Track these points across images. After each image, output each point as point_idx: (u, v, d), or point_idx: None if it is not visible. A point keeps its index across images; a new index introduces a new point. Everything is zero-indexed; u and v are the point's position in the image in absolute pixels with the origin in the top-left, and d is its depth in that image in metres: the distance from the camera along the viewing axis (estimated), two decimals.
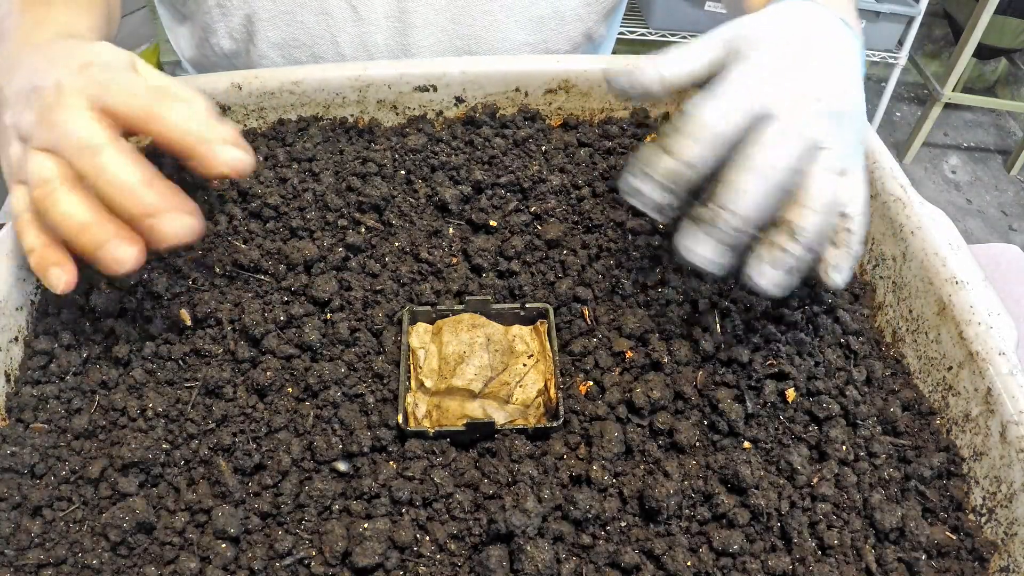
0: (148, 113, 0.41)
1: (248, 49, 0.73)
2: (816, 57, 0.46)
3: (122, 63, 0.45)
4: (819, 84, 0.44)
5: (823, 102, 0.44)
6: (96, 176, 0.40)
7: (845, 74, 0.47)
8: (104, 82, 0.42)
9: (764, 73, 0.44)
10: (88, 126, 0.41)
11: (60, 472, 0.42)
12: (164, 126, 0.41)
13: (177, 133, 0.41)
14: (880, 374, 0.49)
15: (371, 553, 0.39)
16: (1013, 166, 2.59)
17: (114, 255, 0.40)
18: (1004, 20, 2.31)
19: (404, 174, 0.59)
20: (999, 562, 0.41)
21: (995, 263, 0.76)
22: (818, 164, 0.43)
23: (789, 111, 0.43)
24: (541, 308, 0.51)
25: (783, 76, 0.44)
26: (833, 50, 0.47)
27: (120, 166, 0.40)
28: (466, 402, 0.46)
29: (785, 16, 0.48)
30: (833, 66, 0.46)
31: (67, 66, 0.44)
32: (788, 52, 0.45)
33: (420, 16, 0.69)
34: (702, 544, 0.41)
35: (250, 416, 0.45)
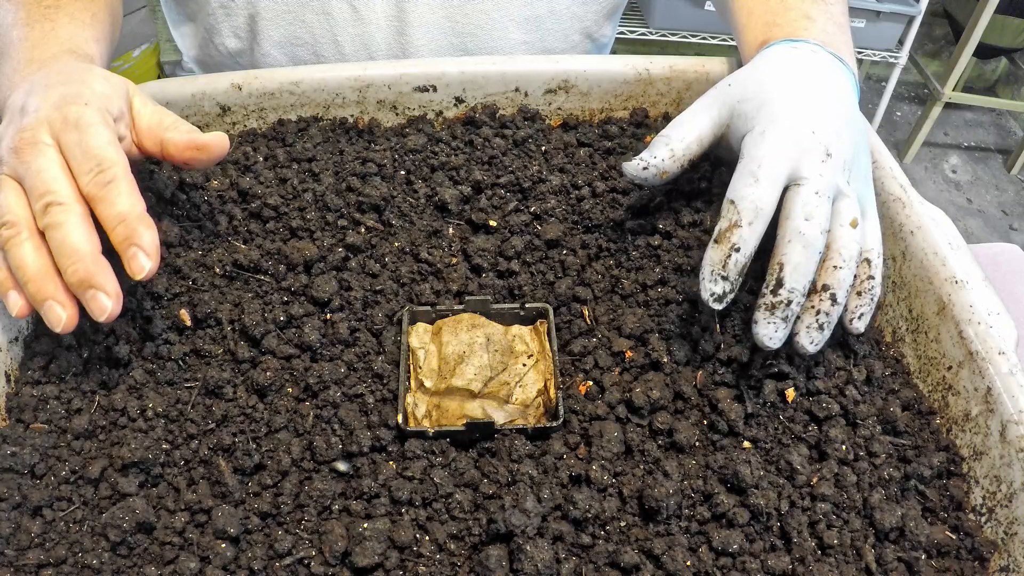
0: (91, 195, 0.42)
1: (252, 48, 0.73)
2: (821, 109, 0.48)
3: (103, 103, 0.45)
4: (830, 137, 0.47)
5: (837, 154, 0.46)
6: (49, 233, 0.42)
7: (848, 117, 0.49)
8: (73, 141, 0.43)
9: (783, 142, 0.46)
10: (55, 176, 0.42)
11: (60, 472, 0.42)
12: (102, 211, 0.42)
13: (109, 223, 0.42)
14: (880, 374, 0.49)
15: (371, 553, 0.39)
16: (1013, 166, 2.58)
17: (48, 315, 0.42)
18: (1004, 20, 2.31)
19: (404, 174, 0.59)
20: (999, 562, 0.41)
21: (995, 263, 0.76)
22: (841, 218, 0.45)
23: (814, 172, 0.45)
24: (541, 308, 0.51)
25: (799, 140, 0.46)
26: (834, 96, 0.49)
27: (70, 230, 0.41)
28: (466, 402, 0.46)
29: (782, 67, 0.50)
30: (838, 113, 0.48)
31: (52, 96, 0.45)
32: (795, 115, 0.47)
33: (417, 15, 0.70)
34: (702, 544, 0.41)
35: (250, 416, 0.45)
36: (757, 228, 0.44)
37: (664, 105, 0.67)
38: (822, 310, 0.44)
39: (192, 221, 0.54)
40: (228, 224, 0.54)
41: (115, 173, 0.42)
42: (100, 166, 0.42)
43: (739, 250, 0.44)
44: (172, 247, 0.52)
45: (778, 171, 0.45)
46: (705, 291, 0.45)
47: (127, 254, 0.42)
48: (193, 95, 0.61)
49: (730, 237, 0.44)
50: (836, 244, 0.45)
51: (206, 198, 0.55)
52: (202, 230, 0.53)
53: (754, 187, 0.45)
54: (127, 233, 0.42)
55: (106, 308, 0.41)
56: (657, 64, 0.65)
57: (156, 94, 0.60)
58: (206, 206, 0.55)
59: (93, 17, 0.57)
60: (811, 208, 0.44)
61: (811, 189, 0.45)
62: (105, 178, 0.42)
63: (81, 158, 0.43)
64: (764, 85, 0.49)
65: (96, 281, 0.41)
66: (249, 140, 0.62)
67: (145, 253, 0.42)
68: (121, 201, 0.42)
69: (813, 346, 0.44)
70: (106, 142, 0.43)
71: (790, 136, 0.46)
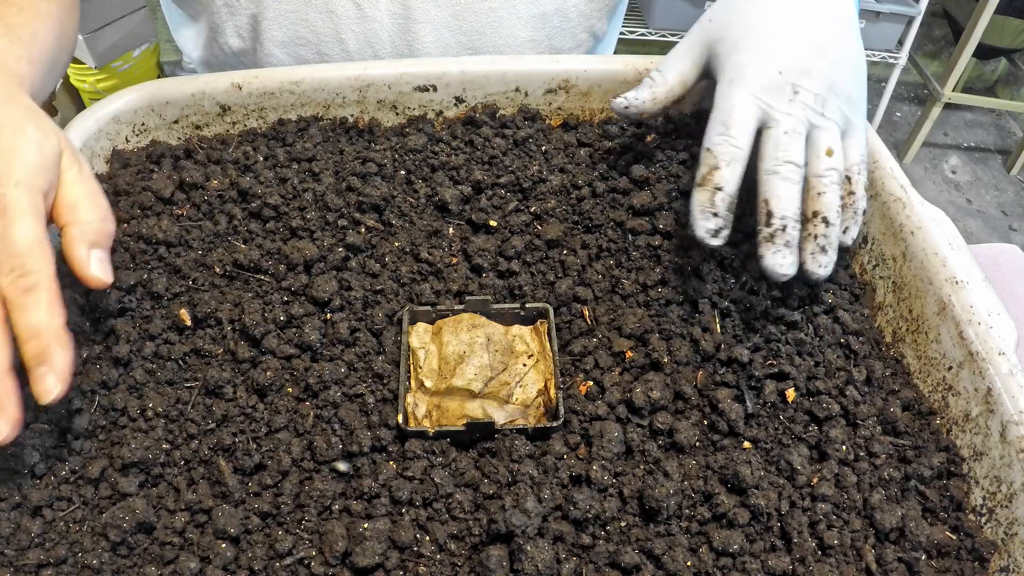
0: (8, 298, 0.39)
1: (255, 48, 0.73)
2: (791, 43, 0.50)
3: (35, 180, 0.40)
4: (797, 74, 0.49)
5: (806, 89, 0.49)
6: None
7: (823, 43, 0.51)
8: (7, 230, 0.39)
9: (750, 87, 0.49)
10: None
11: (60, 472, 0.42)
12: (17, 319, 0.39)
13: (23, 334, 0.39)
14: (880, 374, 0.49)
15: (371, 553, 0.39)
16: (1013, 166, 2.59)
17: None
18: (1004, 20, 2.31)
19: (404, 174, 0.59)
20: (999, 562, 0.41)
21: (995, 263, 0.76)
22: (816, 148, 0.48)
23: (782, 113, 0.48)
24: (541, 308, 0.51)
25: (766, 81, 0.49)
26: (810, 21, 0.51)
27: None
28: (466, 402, 0.46)
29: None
30: (811, 42, 0.50)
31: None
32: (762, 52, 0.50)
33: (423, 13, 0.70)
34: (702, 544, 0.41)
35: (250, 416, 0.45)
36: (736, 168, 0.47)
37: None
38: (819, 234, 0.47)
39: (192, 221, 0.54)
40: (228, 224, 0.54)
41: (37, 280, 0.38)
42: (23, 268, 0.38)
43: (722, 188, 0.47)
44: (172, 247, 0.52)
45: (747, 118, 0.48)
46: (700, 228, 0.47)
47: (36, 372, 0.38)
48: (193, 95, 0.61)
49: (711, 179, 0.47)
50: (815, 173, 0.48)
51: (206, 198, 0.55)
52: (202, 230, 0.53)
53: (726, 135, 0.48)
54: (39, 350, 0.38)
55: (4, 435, 0.37)
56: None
57: (156, 94, 0.60)
58: (206, 206, 0.55)
59: (32, 36, 0.51)
60: (783, 147, 0.47)
61: (780, 130, 0.48)
62: (26, 283, 0.38)
63: (3, 254, 0.39)
64: (737, 23, 0.52)
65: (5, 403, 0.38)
66: (249, 140, 0.62)
67: (55, 376, 0.38)
68: (39, 313, 0.38)
69: (822, 269, 0.47)
70: (34, 241, 0.39)
71: (756, 82, 0.49)
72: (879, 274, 0.55)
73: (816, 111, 0.49)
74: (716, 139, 0.48)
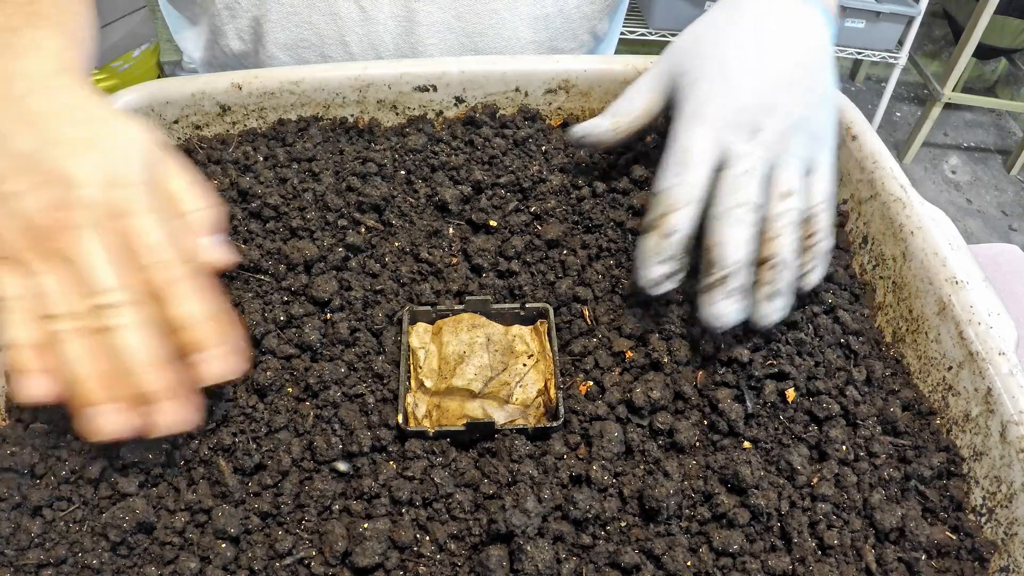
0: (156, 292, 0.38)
1: (257, 50, 0.73)
2: (755, 78, 0.48)
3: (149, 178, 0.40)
4: (760, 111, 0.47)
5: (769, 127, 0.47)
6: (104, 336, 0.37)
7: (791, 78, 0.49)
8: (136, 231, 0.38)
9: (709, 123, 0.47)
10: (108, 278, 0.37)
11: (60, 472, 0.42)
12: (179, 313, 0.38)
13: (190, 325, 0.38)
14: (880, 374, 0.49)
15: (371, 553, 0.39)
16: (1013, 166, 2.59)
17: (95, 424, 0.37)
18: (1004, 20, 2.31)
19: (404, 174, 0.59)
20: (999, 562, 0.41)
21: (995, 263, 0.76)
22: (776, 189, 0.46)
23: (742, 152, 0.46)
24: (541, 308, 0.51)
25: (726, 118, 0.47)
26: (778, 54, 0.49)
27: (131, 336, 0.37)
28: (466, 402, 0.46)
29: (728, 23, 0.50)
30: (778, 75, 0.48)
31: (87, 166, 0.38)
32: (724, 88, 0.48)
33: (426, 15, 0.70)
34: (702, 544, 0.41)
35: (250, 416, 0.45)
36: (690, 213, 0.45)
37: None
38: (769, 280, 0.45)
39: None
40: (228, 224, 0.54)
41: (181, 276, 0.38)
42: (164, 264, 0.38)
43: (674, 234, 0.45)
44: None
45: (704, 157, 0.46)
46: (642, 276, 0.46)
47: (207, 355, 0.38)
48: (193, 94, 0.61)
49: (663, 224, 0.45)
50: (771, 215, 0.46)
51: None
52: None
53: (682, 175, 0.46)
54: (202, 336, 0.38)
55: (188, 422, 0.38)
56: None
57: (156, 94, 0.60)
58: None
59: (76, 26, 0.48)
60: (739, 189, 0.45)
61: (738, 170, 0.46)
62: (173, 277, 0.38)
63: (142, 254, 0.38)
64: (702, 55, 0.50)
65: (174, 391, 0.37)
66: (249, 140, 0.62)
67: (227, 354, 0.38)
68: (190, 302, 0.38)
69: (774, 315, 0.45)
70: (162, 240, 0.38)
71: (716, 119, 0.47)
72: (879, 274, 0.55)
73: (778, 149, 0.47)
74: (671, 180, 0.46)
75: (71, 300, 0.37)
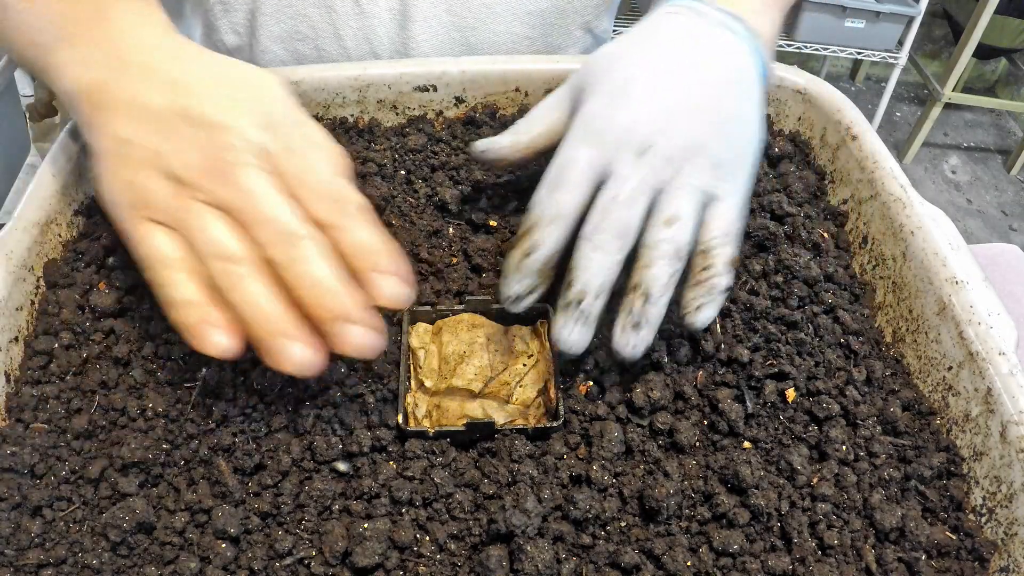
0: (329, 224, 0.39)
1: (251, 44, 0.73)
2: (653, 99, 0.45)
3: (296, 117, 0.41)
4: (651, 131, 0.44)
5: (661, 148, 0.43)
6: (289, 267, 0.37)
7: (708, 92, 0.46)
8: (298, 167, 0.39)
9: (590, 139, 0.44)
10: (285, 210, 0.38)
11: (60, 472, 0.42)
12: (354, 239, 0.39)
13: (365, 251, 0.39)
14: (880, 374, 0.49)
15: (371, 553, 0.39)
16: (1013, 166, 2.59)
17: (293, 357, 0.37)
18: (1004, 20, 2.31)
19: (404, 174, 0.59)
20: (999, 562, 0.41)
21: (995, 263, 0.76)
22: (657, 216, 0.43)
23: (623, 171, 0.43)
24: (541, 308, 0.51)
25: (611, 135, 0.44)
26: (687, 79, 0.46)
27: (317, 263, 0.37)
28: (466, 402, 0.46)
29: (638, 44, 0.48)
30: (688, 90, 0.45)
31: (240, 108, 0.39)
32: (614, 105, 0.45)
33: (420, 10, 0.70)
34: (702, 544, 0.41)
35: (250, 416, 0.45)
36: (555, 232, 0.43)
37: None
38: (634, 309, 0.43)
39: None
40: None
41: (350, 208, 0.39)
42: (332, 197, 0.39)
43: (532, 254, 0.43)
44: None
45: (581, 176, 0.43)
46: (501, 292, 0.45)
47: (383, 278, 0.39)
48: None
49: (524, 243, 0.44)
50: (647, 242, 0.43)
51: None
52: None
53: (555, 193, 0.44)
54: (378, 259, 0.39)
55: (378, 345, 0.38)
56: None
57: None
58: None
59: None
60: (610, 212, 0.42)
61: (613, 191, 0.43)
62: (343, 209, 0.39)
63: (310, 188, 0.39)
64: (601, 70, 0.47)
65: (364, 312, 0.38)
66: None
67: (401, 278, 0.39)
68: (364, 230, 0.39)
69: (631, 349, 0.43)
70: (333, 175, 0.39)
71: (601, 135, 0.44)
72: (879, 274, 0.55)
73: (666, 174, 0.43)
74: (541, 198, 0.44)
75: (238, 242, 0.38)
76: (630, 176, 0.43)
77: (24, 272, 0.49)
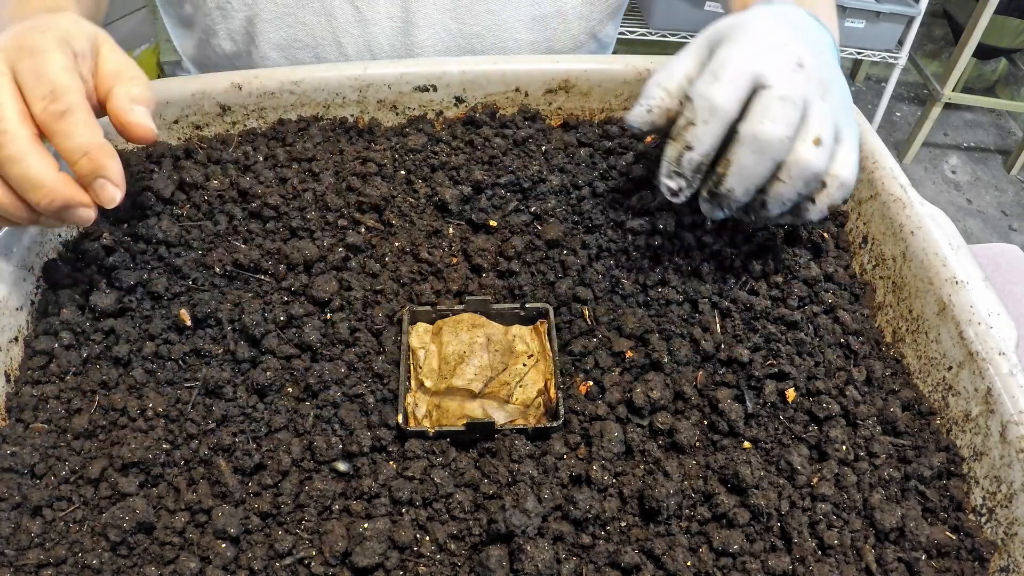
0: (46, 125, 0.41)
1: (249, 51, 0.73)
2: (797, 37, 0.47)
3: (63, 36, 0.44)
4: (803, 55, 0.46)
5: (812, 68, 0.45)
6: (1, 166, 0.40)
7: (824, 52, 0.49)
8: (23, 60, 0.42)
9: (753, 47, 0.45)
10: (3, 102, 0.41)
11: (60, 472, 0.42)
12: (60, 143, 0.41)
13: (71, 156, 0.42)
14: (880, 374, 0.49)
15: (371, 553, 0.39)
16: (1013, 166, 2.59)
17: None
18: (1004, 20, 2.31)
19: (404, 174, 0.59)
20: (999, 562, 0.41)
21: (995, 263, 0.76)
22: (806, 132, 0.44)
23: (780, 78, 0.44)
24: (541, 308, 0.51)
25: (770, 48, 0.45)
26: (810, 35, 0.49)
27: (26, 159, 0.40)
28: (466, 402, 0.46)
29: (763, 11, 0.50)
30: (813, 44, 0.48)
31: (14, 31, 0.44)
32: (769, 33, 0.47)
33: (423, 16, 0.69)
34: (702, 544, 0.41)
35: (250, 416, 0.45)
36: (712, 128, 0.44)
37: None
38: (752, 208, 0.46)
39: (192, 221, 0.54)
40: (228, 224, 0.54)
41: (70, 101, 0.41)
42: (54, 93, 0.41)
43: (692, 148, 0.45)
44: (172, 247, 0.52)
45: (740, 71, 0.44)
46: (662, 186, 0.47)
47: (95, 186, 0.42)
48: (193, 95, 0.60)
49: (684, 134, 0.45)
50: (790, 156, 0.44)
51: (206, 198, 0.55)
52: (202, 230, 0.53)
53: (712, 85, 0.44)
54: (92, 166, 0.42)
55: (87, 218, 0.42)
56: (657, 64, 0.65)
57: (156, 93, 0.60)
58: (206, 206, 0.55)
59: None
60: (773, 112, 0.43)
61: (776, 93, 0.43)
62: (60, 107, 0.41)
63: (34, 84, 0.41)
64: (741, 17, 0.49)
65: (67, 194, 0.41)
66: (249, 140, 0.62)
67: (112, 183, 0.42)
68: (79, 131, 0.41)
69: (711, 216, 0.48)
70: (61, 68, 0.42)
71: (760, 43, 0.45)
72: (879, 274, 0.55)
73: (818, 94, 0.45)
74: (701, 88, 0.44)
75: None
76: (791, 81, 0.44)
77: (24, 272, 0.49)
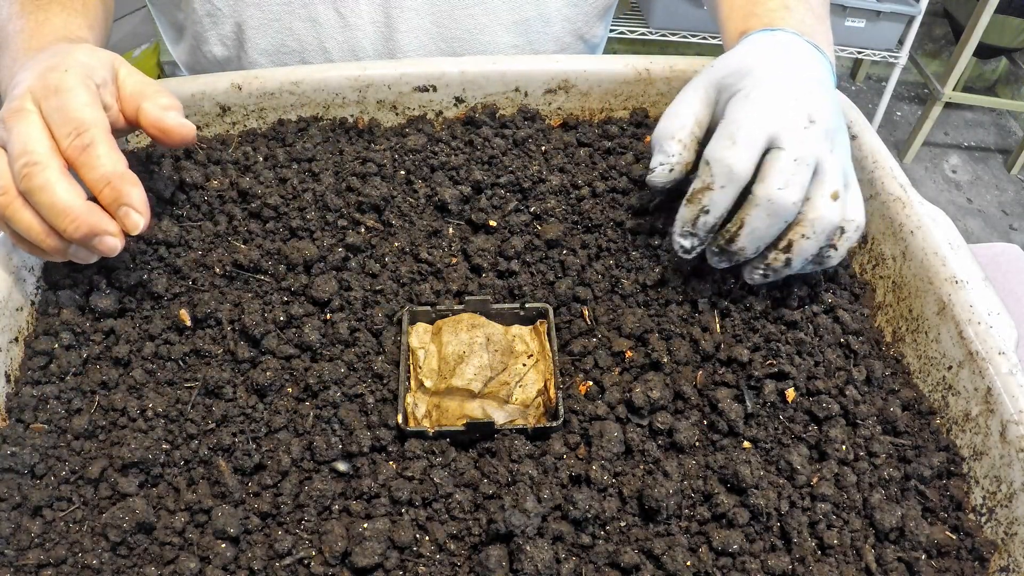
0: (73, 159, 0.43)
1: (239, 56, 0.73)
2: (801, 83, 0.48)
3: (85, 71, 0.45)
4: (812, 110, 0.47)
5: (820, 122, 0.46)
6: (32, 194, 0.42)
7: (827, 95, 0.49)
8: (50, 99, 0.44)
9: (766, 107, 0.46)
10: (34, 138, 0.43)
11: (60, 472, 0.42)
12: (86, 175, 0.43)
13: (95, 186, 0.43)
14: (880, 374, 0.49)
15: (371, 553, 0.39)
16: (1013, 165, 2.58)
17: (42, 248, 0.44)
18: (1004, 19, 2.31)
19: (404, 174, 0.59)
20: (999, 562, 0.41)
21: (995, 263, 0.76)
22: (823, 188, 0.46)
23: (794, 139, 0.45)
24: (541, 308, 0.51)
25: (783, 107, 0.46)
26: (813, 74, 0.49)
27: (55, 188, 0.42)
28: (466, 402, 0.46)
29: (762, 48, 0.51)
30: (817, 89, 0.48)
31: (37, 69, 0.46)
32: (781, 88, 0.47)
33: (404, 21, 0.70)
34: (702, 544, 0.41)
35: (250, 416, 0.45)
36: (729, 192, 0.46)
37: (664, 105, 0.66)
38: (773, 267, 0.47)
39: (192, 221, 0.54)
40: (228, 224, 0.54)
41: (93, 136, 0.43)
42: (78, 129, 0.43)
43: (708, 212, 0.46)
44: (172, 247, 0.52)
45: (756, 134, 0.45)
46: (675, 244, 0.49)
47: (119, 214, 0.44)
48: (193, 95, 0.61)
49: (701, 198, 0.46)
50: (812, 214, 0.45)
51: (206, 198, 0.55)
52: (202, 230, 0.53)
53: (730, 150, 0.45)
54: (115, 195, 0.43)
55: (114, 247, 0.44)
56: (657, 64, 0.65)
57: None
58: (206, 206, 0.55)
59: (84, 5, 0.58)
60: (787, 176, 0.44)
61: (790, 156, 0.45)
62: (84, 141, 0.43)
63: (60, 122, 0.43)
64: (746, 59, 0.49)
65: (97, 225, 0.43)
66: (249, 140, 0.62)
67: (136, 210, 0.44)
68: (103, 163, 0.43)
69: (751, 281, 0.49)
70: (84, 104, 0.44)
71: (772, 100, 0.46)
72: (879, 274, 0.55)
73: (827, 148, 0.46)
74: (719, 153, 0.45)
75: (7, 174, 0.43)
76: (803, 142, 0.45)
77: (24, 272, 0.49)
